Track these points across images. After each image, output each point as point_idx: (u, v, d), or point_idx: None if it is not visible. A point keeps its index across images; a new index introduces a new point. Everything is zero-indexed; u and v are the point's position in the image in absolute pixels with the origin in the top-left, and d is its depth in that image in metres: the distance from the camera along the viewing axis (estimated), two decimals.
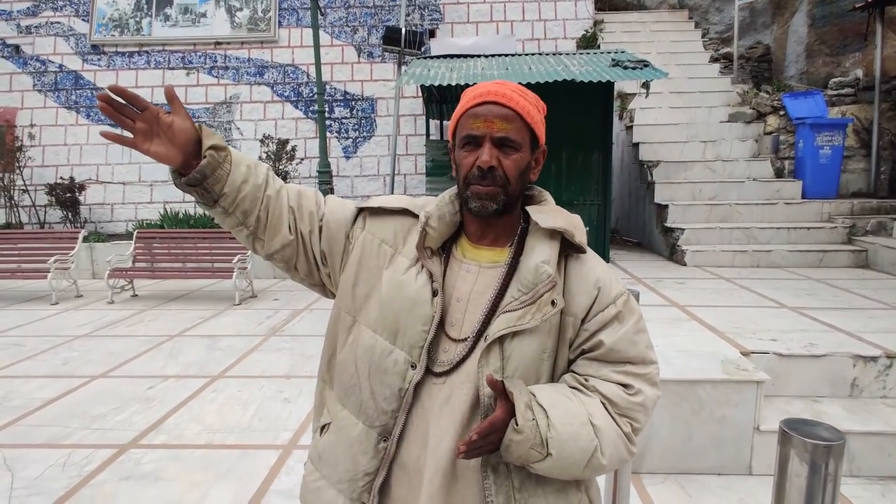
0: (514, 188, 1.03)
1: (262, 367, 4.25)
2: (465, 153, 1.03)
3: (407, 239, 1.10)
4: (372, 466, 1.04)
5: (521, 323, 0.97)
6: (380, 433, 1.04)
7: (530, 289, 0.98)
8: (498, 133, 1.00)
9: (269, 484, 2.63)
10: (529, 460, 0.93)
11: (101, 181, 9.73)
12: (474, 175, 1.00)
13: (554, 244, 1.02)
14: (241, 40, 9.78)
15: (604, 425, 0.96)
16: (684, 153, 7.30)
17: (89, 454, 2.91)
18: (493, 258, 1.06)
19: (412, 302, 1.03)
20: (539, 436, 0.91)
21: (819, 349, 3.11)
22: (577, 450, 0.93)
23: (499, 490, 0.98)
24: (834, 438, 0.85)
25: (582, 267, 1.04)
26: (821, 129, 6.48)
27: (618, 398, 0.98)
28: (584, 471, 0.95)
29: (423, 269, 1.05)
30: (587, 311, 1.01)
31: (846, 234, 5.99)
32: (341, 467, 1.07)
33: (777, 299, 4.32)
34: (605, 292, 1.01)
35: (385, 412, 1.03)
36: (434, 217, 1.06)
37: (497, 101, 1.00)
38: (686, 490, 2.63)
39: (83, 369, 4.22)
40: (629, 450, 0.99)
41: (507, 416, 0.91)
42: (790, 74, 8.74)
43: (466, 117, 1.02)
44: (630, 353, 1.01)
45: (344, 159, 9.66)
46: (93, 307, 6.36)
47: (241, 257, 6.66)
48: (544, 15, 9.66)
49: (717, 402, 2.76)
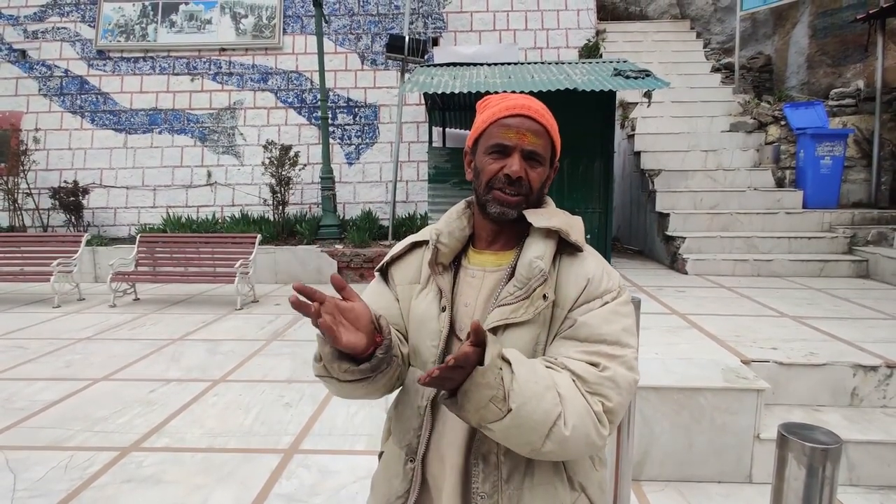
0: (535, 199, 1.08)
1: (263, 371, 4.26)
2: (490, 160, 1.06)
3: (422, 268, 1.14)
4: (402, 488, 1.07)
5: (514, 316, 1.00)
6: (406, 453, 1.07)
7: (524, 283, 1.01)
8: (528, 146, 1.04)
9: (271, 488, 2.63)
10: (487, 418, 0.87)
11: (104, 185, 9.78)
12: (500, 181, 1.04)
13: (550, 242, 1.05)
14: (245, 47, 9.85)
15: (569, 396, 0.90)
16: (686, 162, 7.33)
17: (91, 456, 2.92)
18: (497, 262, 1.10)
19: (420, 321, 1.08)
20: (502, 389, 0.85)
21: (820, 358, 3.12)
22: (538, 411, 0.87)
23: (486, 479, 1.00)
24: (831, 442, 0.87)
25: (576, 263, 1.06)
26: (822, 139, 6.51)
27: (587, 373, 0.93)
28: (545, 441, 0.88)
29: (433, 287, 1.09)
30: (574, 300, 1.02)
31: (847, 244, 6.00)
32: (382, 492, 1.12)
33: (778, 308, 4.33)
34: (593, 284, 1.02)
35: (409, 430, 1.07)
36: (444, 234, 1.10)
37: (530, 116, 1.05)
38: (686, 497, 2.63)
39: (86, 372, 4.24)
40: (598, 431, 0.91)
41: (476, 358, 0.85)
42: (791, 85, 8.78)
43: (497, 126, 1.06)
44: (602, 329, 0.97)
45: (346, 165, 9.70)
46: (95, 310, 6.37)
47: (244, 262, 6.69)
48: (547, 24, 9.73)
49: (718, 410, 2.77)
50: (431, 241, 1.10)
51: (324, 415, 3.47)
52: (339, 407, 3.57)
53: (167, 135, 9.85)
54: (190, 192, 9.82)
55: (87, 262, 8.14)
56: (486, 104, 1.12)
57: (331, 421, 3.38)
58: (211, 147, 9.83)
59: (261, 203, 9.51)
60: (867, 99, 7.10)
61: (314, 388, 3.89)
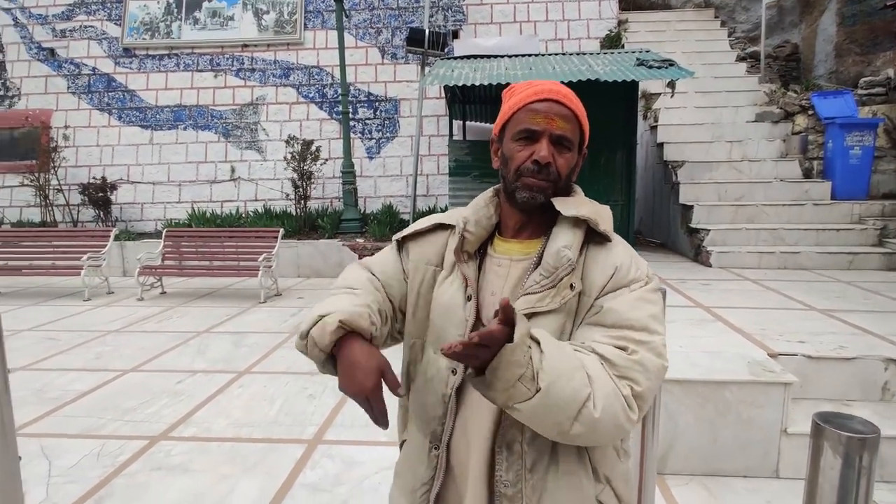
0: (563, 185, 1.07)
1: (287, 363, 4.31)
2: (518, 146, 1.05)
3: (445, 252, 1.14)
4: (427, 475, 1.08)
5: (540, 305, 0.99)
6: (430, 441, 1.08)
7: (551, 273, 1.00)
8: (557, 131, 1.03)
9: (295, 477, 2.67)
10: (515, 397, 0.85)
11: (131, 181, 9.97)
12: (528, 168, 1.03)
13: (578, 231, 1.04)
14: (267, 42, 9.93)
15: (598, 377, 0.89)
16: (710, 153, 7.20)
17: (122, 445, 2.99)
18: (524, 251, 1.09)
19: (446, 308, 1.07)
20: (531, 367, 0.85)
21: (849, 352, 3.05)
22: (568, 390, 0.86)
23: (510, 467, 1.00)
24: (868, 431, 0.85)
25: (604, 252, 1.04)
26: (851, 128, 6.34)
27: (615, 357, 0.92)
28: (574, 423, 0.87)
29: (458, 275, 1.09)
30: (601, 289, 1.00)
31: (877, 236, 5.84)
32: (407, 479, 1.13)
33: (805, 301, 4.25)
34: (621, 273, 1.01)
35: (433, 419, 1.07)
36: (472, 222, 1.10)
37: (559, 101, 1.04)
38: (711, 492, 2.60)
39: (115, 363, 4.34)
40: (627, 415, 0.89)
41: (505, 336, 0.84)
42: (819, 73, 8.56)
43: (525, 111, 1.05)
44: (629, 315, 0.96)
45: (367, 160, 9.74)
46: (124, 303, 6.52)
47: (267, 256, 6.77)
48: (568, 15, 9.62)
49: (744, 404, 2.73)
50: (458, 229, 1.09)
51: (346, 407, 3.50)
52: None
53: (192, 131, 9.99)
54: (214, 187, 9.95)
55: (116, 257, 8.32)
56: (512, 91, 1.11)
57: (353, 413, 3.41)
58: (234, 142, 9.95)
59: (283, 197, 9.60)
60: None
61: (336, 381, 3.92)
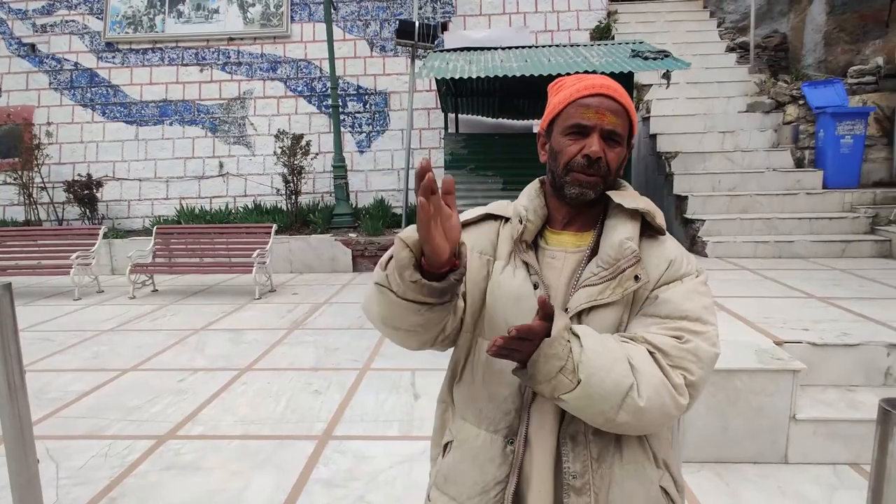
0: (613, 179, 1.07)
1: (288, 359, 4.28)
2: (569, 141, 1.05)
3: (497, 242, 1.13)
4: (502, 473, 1.03)
5: (601, 297, 0.99)
6: (505, 436, 1.04)
7: (611, 264, 1.00)
8: (608, 126, 1.03)
9: (309, 473, 2.65)
10: (559, 389, 0.89)
11: (117, 178, 9.80)
12: (579, 163, 1.03)
13: (635, 224, 1.05)
14: (253, 36, 9.79)
15: (643, 367, 0.91)
16: (703, 144, 7.25)
17: (129, 445, 2.95)
18: (576, 243, 1.09)
19: (515, 298, 1.05)
20: (571, 360, 0.88)
21: (853, 338, 3.09)
22: (608, 381, 0.88)
23: (576, 458, 1.00)
24: None
25: (657, 246, 1.05)
26: (842, 118, 6.41)
27: (668, 346, 0.94)
28: (619, 412, 0.89)
29: (519, 265, 1.07)
30: (656, 282, 1.02)
31: (869, 223, 5.93)
32: (469, 481, 1.07)
33: (804, 289, 4.30)
34: (675, 266, 1.03)
35: (508, 413, 1.05)
36: (530, 210, 1.10)
37: (610, 95, 1.03)
38: (723, 478, 2.63)
39: (113, 363, 4.27)
40: (676, 402, 0.92)
41: (544, 330, 0.88)
42: (808, 63, 8.65)
43: (575, 106, 1.04)
44: (685, 306, 0.98)
45: (358, 154, 9.67)
46: (115, 302, 6.42)
47: (261, 252, 6.70)
48: (557, 6, 9.61)
49: (753, 392, 2.76)
50: (520, 217, 1.09)
51: (353, 401, 3.48)
52: (368, 394, 3.59)
53: (178, 126, 9.84)
54: (202, 183, 9.83)
55: (104, 255, 8.19)
56: (560, 85, 1.10)
57: (361, 407, 3.40)
58: (222, 137, 9.82)
59: (273, 193, 9.51)
60: (888, 76, 6.97)
61: (341, 376, 3.91)
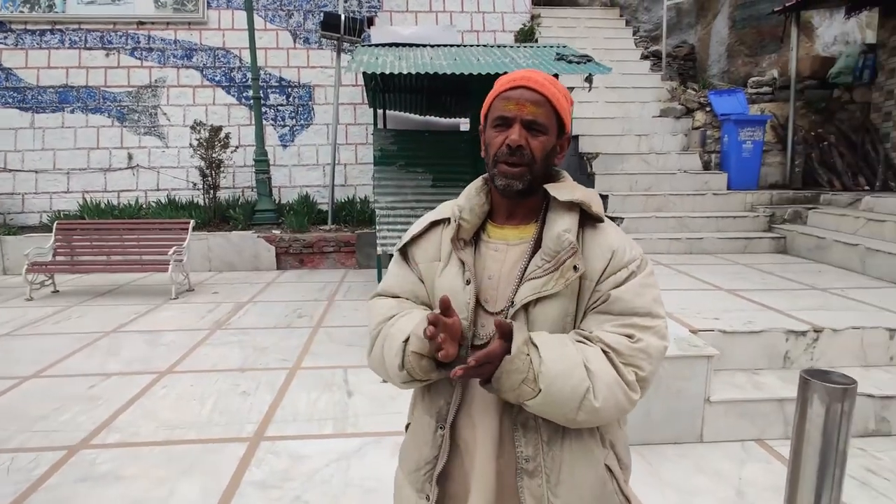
0: (539, 168, 1.09)
1: (212, 361, 4.09)
2: (495, 133, 1.09)
3: (442, 245, 1.16)
4: (431, 454, 1.11)
5: (545, 289, 1.03)
6: (436, 420, 1.11)
7: (553, 256, 1.04)
8: (528, 116, 1.06)
9: (241, 476, 2.55)
10: (523, 396, 0.97)
11: (9, 169, 8.94)
12: (503, 153, 1.06)
13: (573, 215, 1.08)
14: (166, 20, 9.24)
15: (599, 371, 0.98)
16: (621, 146, 7.62)
17: (35, 457, 2.71)
18: (518, 235, 1.13)
19: (451, 295, 1.07)
20: (532, 371, 0.95)
21: (756, 326, 3.36)
22: (566, 388, 0.95)
23: (528, 443, 1.06)
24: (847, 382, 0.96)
25: (598, 235, 1.10)
26: (743, 124, 6.95)
27: (621, 346, 1.00)
28: (579, 413, 0.97)
29: (456, 262, 1.11)
30: (601, 273, 1.06)
31: (766, 222, 6.46)
32: (412, 459, 1.16)
33: (713, 282, 4.62)
34: (618, 256, 1.07)
35: (440, 400, 1.11)
36: (466, 209, 1.13)
37: (529, 87, 1.06)
38: (646, 459, 2.78)
39: (12, 370, 3.90)
40: (629, 397, 0.99)
41: (503, 350, 0.95)
42: (713, 73, 9.31)
43: (499, 100, 1.08)
44: (635, 303, 1.03)
45: (281, 148, 9.37)
46: (10, 304, 5.87)
47: (177, 249, 6.35)
48: (483, 7, 9.75)
49: (673, 377, 2.94)
50: (454, 218, 1.12)
51: (284, 401, 3.38)
52: (300, 392, 3.50)
53: (80, 114, 9.11)
54: (109, 175, 9.17)
55: None
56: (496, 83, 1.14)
57: (293, 407, 3.30)
58: (131, 128, 9.20)
59: (189, 187, 9.02)
60: (782, 87, 7.63)
61: (270, 376, 3.78)
